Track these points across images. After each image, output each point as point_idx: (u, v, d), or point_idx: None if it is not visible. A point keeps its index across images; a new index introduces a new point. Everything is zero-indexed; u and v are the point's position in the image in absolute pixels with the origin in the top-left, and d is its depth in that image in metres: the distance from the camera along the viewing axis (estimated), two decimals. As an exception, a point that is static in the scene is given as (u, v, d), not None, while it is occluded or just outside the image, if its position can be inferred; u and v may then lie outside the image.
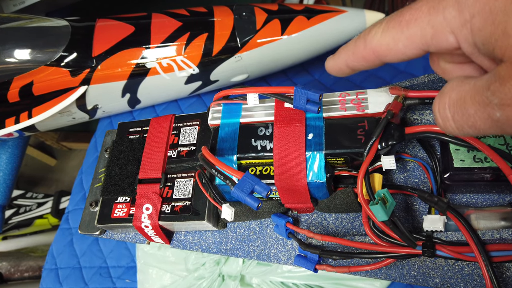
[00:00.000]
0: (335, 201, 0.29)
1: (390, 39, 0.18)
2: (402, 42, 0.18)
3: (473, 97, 0.16)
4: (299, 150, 0.28)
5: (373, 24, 0.19)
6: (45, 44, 0.58)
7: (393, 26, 0.18)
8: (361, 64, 0.21)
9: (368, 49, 0.19)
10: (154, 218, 0.31)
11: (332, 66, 0.22)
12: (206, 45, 0.57)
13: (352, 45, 0.20)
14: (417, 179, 0.30)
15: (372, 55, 0.19)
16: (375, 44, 0.19)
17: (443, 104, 0.17)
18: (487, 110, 0.15)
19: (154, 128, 0.35)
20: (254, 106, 0.31)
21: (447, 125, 0.18)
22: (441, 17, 0.16)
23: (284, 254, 0.31)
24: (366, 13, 0.58)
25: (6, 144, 0.72)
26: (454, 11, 0.16)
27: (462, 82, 0.17)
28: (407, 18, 0.18)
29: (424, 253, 0.24)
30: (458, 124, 0.17)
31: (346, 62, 0.21)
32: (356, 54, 0.20)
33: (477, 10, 0.15)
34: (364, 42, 0.19)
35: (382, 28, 0.19)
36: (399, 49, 0.18)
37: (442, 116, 0.18)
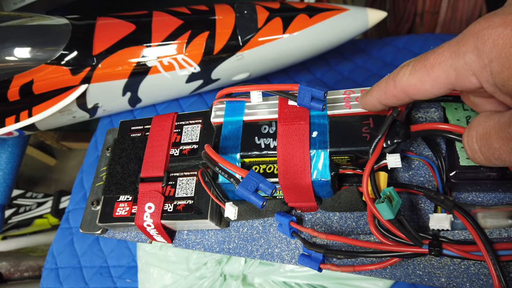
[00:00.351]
0: (339, 200, 0.29)
1: (417, 81, 0.20)
2: (428, 83, 0.20)
3: (497, 133, 0.18)
4: (304, 148, 0.28)
5: (401, 66, 0.21)
6: (45, 43, 0.57)
7: (419, 69, 0.20)
8: (392, 101, 0.23)
9: (398, 89, 0.22)
10: (157, 217, 0.31)
11: (366, 103, 0.25)
12: (207, 43, 0.57)
13: (384, 84, 0.23)
14: (422, 177, 0.30)
15: (402, 94, 0.22)
16: (404, 84, 0.21)
17: (471, 137, 0.20)
18: (510, 144, 0.17)
19: (156, 126, 0.35)
20: (257, 104, 0.31)
21: (475, 157, 0.20)
22: (463, 61, 0.18)
23: (288, 253, 0.31)
24: (368, 11, 0.57)
25: (6, 143, 0.72)
26: (473, 56, 0.18)
27: (488, 117, 0.19)
28: (432, 61, 0.19)
29: (430, 252, 0.24)
30: (485, 156, 0.19)
31: (379, 100, 0.24)
32: (387, 93, 0.23)
33: (494, 56, 0.17)
34: (393, 83, 0.22)
35: (409, 70, 0.21)
36: (426, 89, 0.20)
37: (471, 148, 0.20)
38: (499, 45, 0.16)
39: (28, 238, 1.13)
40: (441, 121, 0.29)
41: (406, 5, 0.93)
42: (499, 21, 0.17)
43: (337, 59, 0.69)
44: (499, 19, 0.17)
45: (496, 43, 0.17)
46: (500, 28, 0.17)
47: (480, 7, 0.81)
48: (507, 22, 0.16)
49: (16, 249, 1.09)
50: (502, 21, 0.17)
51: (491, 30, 0.17)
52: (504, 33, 0.16)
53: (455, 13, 0.84)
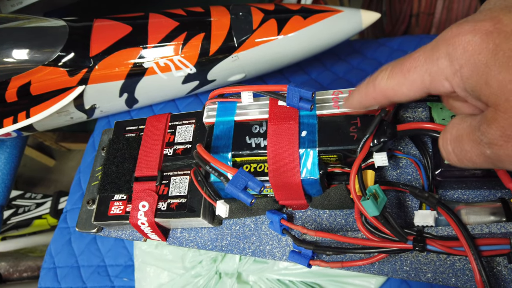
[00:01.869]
0: (328, 198, 0.30)
1: (395, 84, 0.21)
2: (405, 86, 0.21)
3: (468, 135, 0.19)
4: (293, 147, 0.28)
5: (380, 70, 0.22)
6: (42, 44, 0.58)
7: (396, 73, 0.21)
8: (372, 103, 0.24)
9: (377, 92, 0.22)
10: (150, 215, 0.32)
11: (349, 105, 0.26)
12: (203, 44, 0.57)
13: (364, 87, 0.24)
14: (409, 176, 0.30)
15: (381, 96, 0.22)
16: (383, 88, 0.22)
17: (446, 139, 0.20)
18: (479, 147, 0.18)
19: (151, 127, 0.35)
20: (248, 104, 0.32)
21: (449, 158, 0.20)
22: (436, 67, 0.19)
23: (279, 250, 0.32)
24: (362, 13, 0.58)
25: (4, 144, 0.73)
26: (446, 62, 0.18)
27: (462, 120, 0.20)
28: (408, 66, 0.20)
29: (414, 248, 0.24)
30: (458, 158, 0.20)
31: (360, 102, 0.25)
32: (367, 96, 0.23)
33: (464, 61, 0.18)
34: (373, 86, 0.23)
35: (387, 74, 0.22)
36: (403, 92, 0.21)
37: (445, 149, 0.20)
38: (469, 51, 0.17)
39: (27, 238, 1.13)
40: (428, 120, 0.30)
41: (402, 6, 0.94)
42: (469, 28, 0.17)
43: (333, 60, 0.70)
44: (469, 26, 0.17)
45: (466, 49, 0.17)
46: (470, 35, 0.17)
47: (475, 8, 0.82)
48: (476, 30, 0.17)
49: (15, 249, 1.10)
50: (472, 28, 0.17)
51: (462, 37, 0.17)
52: (473, 40, 0.17)
53: (450, 14, 0.84)
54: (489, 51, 0.17)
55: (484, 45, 0.17)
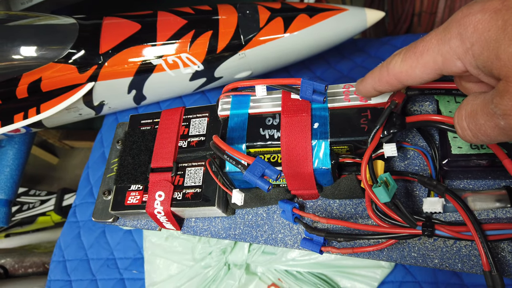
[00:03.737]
0: (339, 188, 0.31)
1: (408, 67, 0.22)
2: (418, 69, 0.22)
3: (482, 109, 0.19)
4: (306, 139, 0.29)
5: (393, 55, 0.23)
6: (53, 41, 0.59)
7: (409, 56, 0.22)
8: (386, 87, 0.25)
9: (391, 76, 0.23)
10: (167, 205, 0.33)
11: (361, 89, 0.26)
12: (211, 42, 0.59)
13: (377, 72, 0.24)
14: (417, 166, 0.32)
15: (395, 80, 0.23)
16: (397, 71, 0.23)
17: (461, 116, 0.21)
18: (493, 119, 0.19)
19: (165, 120, 0.37)
20: (261, 98, 0.33)
21: (465, 134, 0.21)
22: (448, 47, 0.20)
23: (291, 238, 0.33)
24: (366, 11, 0.59)
25: (13, 140, 0.74)
26: (457, 41, 0.19)
27: (475, 96, 0.20)
28: (421, 49, 0.21)
29: (424, 233, 0.25)
30: (473, 133, 0.20)
31: (373, 87, 0.25)
32: (381, 80, 0.24)
33: (475, 39, 0.18)
34: (387, 70, 0.23)
35: (401, 58, 0.22)
36: (416, 75, 0.22)
37: (461, 126, 0.21)
38: (479, 29, 0.18)
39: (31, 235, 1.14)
40: (435, 113, 0.31)
41: (404, 6, 0.95)
42: (478, 7, 0.18)
43: (337, 58, 0.71)
44: (478, 6, 0.18)
45: (476, 28, 0.18)
46: (479, 14, 0.18)
47: (476, 7, 0.83)
48: (485, 8, 0.18)
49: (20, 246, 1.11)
50: (481, 8, 0.18)
51: (472, 16, 0.18)
52: (483, 18, 0.18)
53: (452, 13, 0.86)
54: (498, 27, 0.17)
55: (493, 22, 0.18)
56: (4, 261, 0.99)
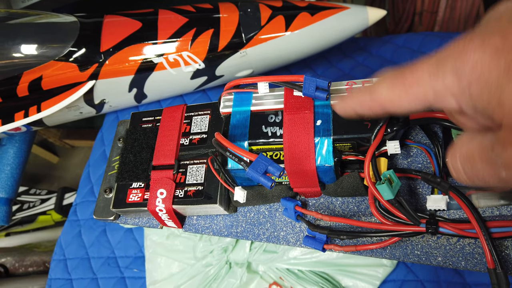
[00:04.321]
0: (341, 185, 0.31)
1: (395, 97, 0.20)
2: (406, 100, 0.20)
3: (480, 155, 0.18)
4: (308, 136, 0.29)
5: (379, 80, 0.21)
6: (54, 40, 0.59)
7: (397, 85, 0.20)
8: (367, 112, 0.23)
9: (374, 102, 0.22)
10: (168, 202, 0.33)
11: (340, 109, 0.25)
12: (212, 40, 0.59)
13: (360, 95, 0.23)
14: (420, 164, 0.31)
15: (378, 107, 0.22)
16: (381, 99, 0.21)
17: (455, 158, 0.19)
18: (493, 169, 0.17)
19: (167, 117, 0.36)
20: (264, 95, 0.33)
21: (459, 176, 0.20)
22: (441, 83, 0.18)
23: (293, 236, 0.33)
24: (368, 10, 0.59)
25: (14, 138, 0.74)
26: (453, 78, 0.18)
27: (471, 138, 0.19)
28: (410, 80, 0.19)
29: (428, 230, 0.25)
30: (468, 177, 0.19)
31: (354, 109, 0.24)
32: (362, 105, 0.23)
33: (473, 78, 0.17)
34: (370, 95, 0.22)
35: (387, 85, 0.21)
36: (403, 105, 0.20)
37: (455, 168, 0.20)
38: (478, 69, 0.16)
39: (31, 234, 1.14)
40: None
41: (405, 5, 0.95)
42: (477, 43, 0.17)
43: (338, 57, 0.71)
44: (477, 41, 0.17)
45: (475, 67, 0.17)
46: (479, 52, 0.16)
47: (478, 6, 0.83)
48: (485, 46, 0.16)
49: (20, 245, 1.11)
50: (480, 44, 0.17)
51: (470, 53, 0.17)
52: (483, 57, 0.16)
53: (453, 12, 0.86)
54: (501, 70, 0.16)
55: (494, 63, 0.16)
56: (5, 260, 0.99)
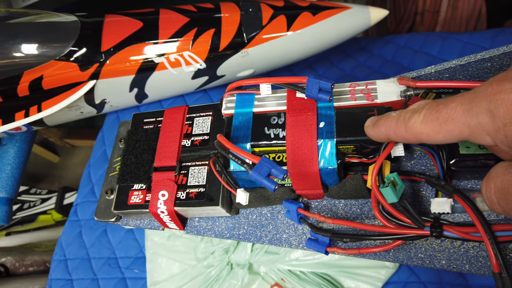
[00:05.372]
0: (345, 188, 0.31)
1: (430, 131, 0.21)
2: (442, 134, 0.21)
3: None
4: (311, 138, 0.29)
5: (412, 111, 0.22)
6: (55, 39, 0.59)
7: (431, 120, 0.21)
8: (401, 140, 0.24)
9: (409, 133, 0.22)
10: (170, 204, 0.32)
11: (373, 134, 0.26)
12: (213, 40, 0.58)
13: (394, 125, 0.24)
14: (423, 166, 0.31)
15: (413, 138, 0.23)
16: (416, 131, 0.22)
17: (489, 189, 0.20)
18: None
19: (169, 119, 0.36)
20: (266, 96, 0.32)
21: (494, 208, 0.20)
22: (476, 121, 0.19)
23: (295, 238, 0.32)
24: (370, 10, 0.59)
25: (14, 138, 0.73)
26: (487, 118, 0.18)
27: (506, 171, 0.20)
28: (444, 115, 0.20)
29: (432, 233, 0.25)
30: (503, 209, 0.20)
31: (388, 137, 0.25)
32: (397, 134, 0.24)
33: (508, 121, 0.17)
34: (404, 127, 0.23)
35: (421, 119, 0.21)
36: (439, 139, 0.21)
37: (489, 199, 0.20)
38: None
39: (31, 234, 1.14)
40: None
41: (406, 5, 0.94)
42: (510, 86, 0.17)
43: (340, 57, 0.71)
44: (509, 84, 0.17)
45: (509, 108, 0.17)
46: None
47: (480, 6, 0.83)
48: None
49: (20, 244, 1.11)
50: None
51: (504, 95, 0.17)
52: None
53: (455, 12, 0.85)
54: None
55: None
56: (5, 260, 0.99)
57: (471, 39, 0.60)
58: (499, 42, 0.58)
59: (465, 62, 0.28)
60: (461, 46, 0.60)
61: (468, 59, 0.28)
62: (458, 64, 0.28)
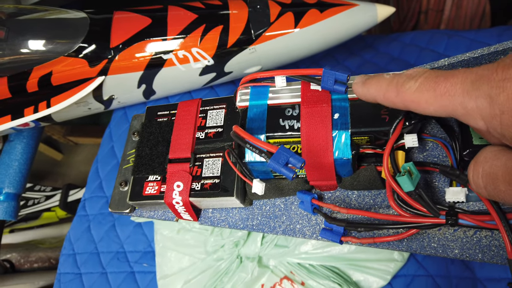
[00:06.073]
0: (358, 179, 0.31)
1: (422, 100, 0.20)
2: (433, 107, 0.20)
3: (504, 176, 0.18)
4: (326, 129, 0.29)
5: (408, 77, 0.21)
6: (64, 35, 0.59)
7: (427, 90, 0.20)
8: (387, 104, 0.23)
9: (399, 99, 0.22)
10: (185, 195, 0.33)
11: (361, 92, 0.25)
12: (221, 37, 0.59)
13: (385, 87, 0.23)
14: (436, 158, 0.32)
15: (401, 104, 0.22)
16: (407, 98, 0.21)
17: (477, 173, 0.20)
18: None
19: (182, 111, 0.37)
20: (280, 89, 0.33)
21: (479, 191, 0.20)
22: (474, 104, 0.18)
23: (309, 228, 0.33)
24: (377, 7, 0.59)
25: (22, 134, 0.74)
26: (485, 103, 0.18)
27: (495, 156, 0.19)
28: (442, 89, 0.19)
29: (447, 221, 0.26)
30: (489, 194, 0.19)
31: (375, 98, 0.24)
32: (386, 97, 0.23)
33: (506, 109, 0.17)
34: (396, 91, 0.22)
35: (416, 86, 0.21)
36: (428, 110, 0.21)
37: (476, 183, 0.20)
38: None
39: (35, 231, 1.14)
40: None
41: (410, 3, 0.95)
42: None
43: (345, 54, 0.71)
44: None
45: (510, 97, 0.17)
46: None
47: (484, 5, 0.83)
48: None
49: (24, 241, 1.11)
50: None
51: (508, 83, 0.17)
52: None
53: (459, 10, 0.86)
54: None
55: None
56: (10, 256, 0.99)
57: (477, 36, 0.60)
58: (505, 39, 0.58)
59: (478, 55, 0.29)
60: (467, 44, 0.60)
61: (482, 51, 0.28)
62: (471, 56, 0.29)
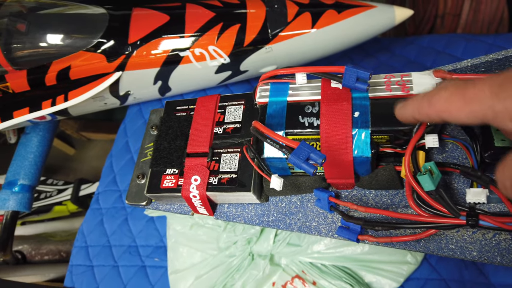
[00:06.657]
0: (376, 178, 0.31)
1: (453, 108, 0.21)
2: (464, 113, 0.21)
3: None
4: (346, 127, 0.29)
5: (438, 88, 0.22)
6: (84, 30, 0.60)
7: (457, 98, 0.21)
8: (423, 119, 0.24)
9: (431, 110, 0.23)
10: (202, 189, 0.33)
11: (400, 115, 0.26)
12: (238, 35, 0.59)
13: (418, 102, 0.24)
14: (455, 159, 0.32)
15: (435, 115, 0.23)
16: (439, 108, 0.22)
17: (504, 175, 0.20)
18: None
19: (201, 106, 0.37)
20: (300, 86, 0.33)
21: (507, 193, 0.20)
22: (502, 106, 0.19)
23: (325, 226, 0.33)
24: (395, 9, 0.59)
25: (38, 127, 0.75)
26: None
27: None
28: (471, 95, 0.20)
29: (468, 222, 0.25)
30: None
31: (413, 116, 0.25)
32: (420, 112, 0.24)
33: None
34: (428, 103, 0.23)
35: (446, 96, 0.21)
36: (460, 118, 0.21)
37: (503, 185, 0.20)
38: None
39: (46, 224, 1.16)
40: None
41: (426, 7, 0.94)
42: None
43: (361, 56, 0.71)
44: None
45: None
46: None
47: (502, 10, 0.82)
48: None
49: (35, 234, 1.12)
50: None
51: None
52: None
53: (477, 15, 0.85)
54: None
55: None
56: (22, 247, 1.01)
57: (496, 41, 0.60)
58: (525, 44, 0.57)
59: (502, 56, 0.29)
60: (486, 48, 0.59)
61: (506, 53, 0.28)
62: (495, 58, 0.29)
